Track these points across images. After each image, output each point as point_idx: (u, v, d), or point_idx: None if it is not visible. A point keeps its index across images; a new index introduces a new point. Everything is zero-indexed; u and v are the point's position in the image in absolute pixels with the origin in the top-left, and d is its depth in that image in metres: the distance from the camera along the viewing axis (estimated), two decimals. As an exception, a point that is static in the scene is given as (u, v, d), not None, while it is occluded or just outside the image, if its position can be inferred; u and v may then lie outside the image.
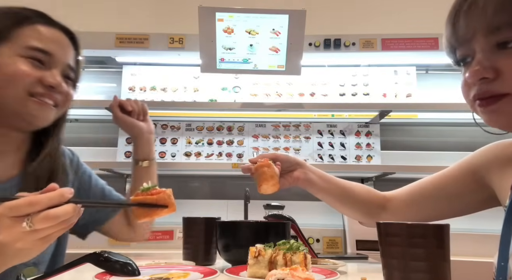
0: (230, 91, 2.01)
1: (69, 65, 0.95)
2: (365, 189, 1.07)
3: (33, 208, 0.59)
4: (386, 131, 2.04)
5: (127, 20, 2.14)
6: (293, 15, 1.68)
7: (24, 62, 0.87)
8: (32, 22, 0.92)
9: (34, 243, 0.61)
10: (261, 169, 0.91)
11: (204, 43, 1.72)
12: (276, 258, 0.76)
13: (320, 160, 1.93)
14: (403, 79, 2.00)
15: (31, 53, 0.88)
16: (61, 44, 0.94)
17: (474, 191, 0.92)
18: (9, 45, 0.88)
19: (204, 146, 1.96)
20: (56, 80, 0.90)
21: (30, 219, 0.59)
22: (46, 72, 0.90)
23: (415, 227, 0.65)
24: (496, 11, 0.63)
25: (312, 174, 1.03)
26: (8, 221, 0.59)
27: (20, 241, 0.60)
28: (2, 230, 0.59)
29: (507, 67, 0.65)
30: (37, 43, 0.89)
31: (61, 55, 0.93)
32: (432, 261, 0.63)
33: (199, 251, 1.00)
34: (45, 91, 0.89)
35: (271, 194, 0.94)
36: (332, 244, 1.84)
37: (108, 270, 0.72)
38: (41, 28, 0.92)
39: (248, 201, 1.36)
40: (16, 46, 0.88)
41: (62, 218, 0.60)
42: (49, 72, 0.90)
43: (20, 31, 0.89)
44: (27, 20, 0.91)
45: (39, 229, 0.60)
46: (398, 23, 2.09)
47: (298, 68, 1.77)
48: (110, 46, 1.88)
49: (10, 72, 0.86)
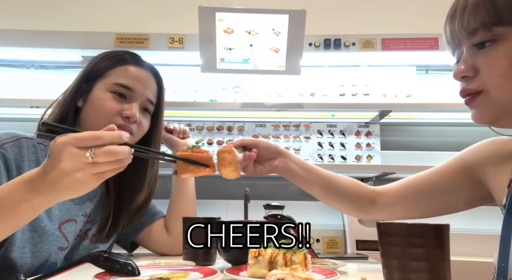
0: (230, 91, 2.01)
1: (148, 99, 1.12)
2: (353, 182, 1.06)
3: (97, 141, 0.64)
4: (386, 131, 2.03)
5: (127, 20, 2.14)
6: (293, 15, 1.68)
7: (110, 96, 1.06)
8: (126, 63, 1.11)
9: (91, 177, 0.65)
10: (221, 154, 0.92)
11: (204, 43, 1.72)
12: (276, 258, 0.76)
13: (320, 160, 1.93)
14: (403, 79, 2.00)
15: (116, 88, 1.07)
16: (144, 80, 1.11)
17: (467, 188, 0.91)
18: (104, 81, 1.08)
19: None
20: (132, 112, 1.06)
21: (93, 151, 0.63)
22: (126, 105, 1.06)
23: (415, 227, 0.65)
24: (471, 14, 0.69)
25: (293, 164, 1.03)
26: (74, 150, 0.63)
27: (80, 171, 0.64)
28: (66, 158, 0.63)
29: (483, 66, 0.71)
30: (123, 80, 1.08)
31: (141, 90, 1.10)
32: (432, 261, 0.63)
33: (199, 251, 1.00)
34: (123, 122, 1.05)
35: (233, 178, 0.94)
36: (332, 244, 1.84)
37: (108, 270, 0.72)
38: (130, 68, 1.11)
39: (248, 201, 1.36)
40: (107, 82, 1.07)
41: (120, 156, 0.65)
42: (129, 105, 1.07)
43: (113, 71, 1.09)
44: (122, 62, 1.11)
45: (99, 163, 0.64)
46: (398, 23, 2.09)
47: (298, 68, 1.77)
48: (110, 46, 1.88)
49: (100, 104, 1.05)
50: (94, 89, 1.08)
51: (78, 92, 1.08)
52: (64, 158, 0.63)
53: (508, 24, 0.67)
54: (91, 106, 1.07)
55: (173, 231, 1.24)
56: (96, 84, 1.08)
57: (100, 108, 1.05)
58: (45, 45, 1.90)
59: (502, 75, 0.69)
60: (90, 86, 1.08)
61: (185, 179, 1.29)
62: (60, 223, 1.00)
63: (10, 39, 1.88)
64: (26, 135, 0.99)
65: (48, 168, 0.65)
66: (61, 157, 0.63)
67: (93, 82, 1.08)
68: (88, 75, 1.10)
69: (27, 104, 1.77)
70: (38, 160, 0.97)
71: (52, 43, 1.90)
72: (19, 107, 1.84)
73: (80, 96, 1.08)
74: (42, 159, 0.97)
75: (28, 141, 0.98)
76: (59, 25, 1.93)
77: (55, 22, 1.98)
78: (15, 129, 1.01)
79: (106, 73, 1.09)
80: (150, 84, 1.14)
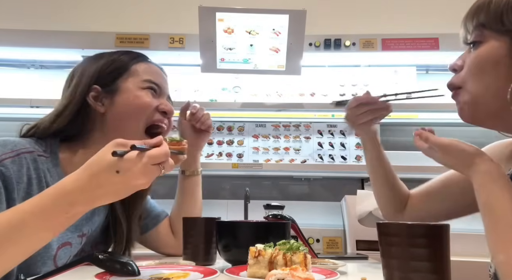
0: (230, 91, 2.01)
1: (169, 96, 1.13)
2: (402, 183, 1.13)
3: (166, 157, 0.72)
4: (386, 131, 2.03)
5: (127, 20, 2.14)
6: (293, 15, 1.68)
7: (146, 93, 1.04)
8: (143, 59, 1.10)
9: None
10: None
11: (204, 43, 1.72)
12: (276, 258, 0.76)
13: (320, 160, 1.93)
14: (403, 79, 2.00)
15: (148, 85, 1.05)
16: (163, 77, 1.12)
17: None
18: (130, 79, 1.04)
19: (204, 146, 1.96)
20: (168, 107, 1.07)
21: (163, 166, 0.72)
22: (160, 100, 1.07)
23: (415, 227, 0.65)
24: (468, 18, 0.77)
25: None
26: (152, 168, 0.71)
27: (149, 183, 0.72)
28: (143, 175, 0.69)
29: (466, 62, 0.78)
30: (150, 76, 1.06)
31: (165, 88, 1.10)
32: (432, 261, 0.63)
33: (199, 251, 1.00)
34: (161, 117, 1.06)
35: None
36: (332, 244, 1.84)
37: (108, 270, 0.72)
38: (151, 65, 1.10)
39: (248, 201, 1.36)
40: (137, 80, 1.04)
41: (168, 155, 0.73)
42: (162, 100, 1.07)
43: (137, 66, 1.06)
44: (140, 58, 1.09)
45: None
46: (398, 23, 2.09)
47: (298, 68, 1.77)
48: (110, 46, 1.88)
49: (138, 102, 1.02)
50: (120, 89, 1.02)
51: (95, 97, 1.01)
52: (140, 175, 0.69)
53: (492, 29, 0.73)
54: (124, 106, 1.01)
55: (179, 232, 1.17)
56: (120, 85, 1.02)
57: (138, 106, 1.02)
58: (45, 45, 1.90)
59: (473, 74, 0.75)
60: (113, 88, 1.02)
61: (194, 179, 1.28)
62: (57, 246, 0.93)
63: (10, 39, 1.88)
64: (27, 148, 0.90)
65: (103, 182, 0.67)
66: (135, 174, 0.68)
67: (114, 84, 1.02)
68: (104, 77, 1.03)
69: (27, 104, 1.77)
70: (39, 176, 0.90)
71: (52, 43, 1.90)
72: (19, 107, 1.85)
73: (99, 101, 1.01)
74: (43, 172, 0.91)
75: (28, 156, 0.89)
76: (59, 25, 1.93)
77: (55, 22, 1.98)
78: (14, 129, 1.00)
79: (129, 69, 1.05)
80: (166, 80, 1.13)
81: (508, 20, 0.70)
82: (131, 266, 0.73)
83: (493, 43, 0.72)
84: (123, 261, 0.73)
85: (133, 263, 0.74)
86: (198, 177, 1.29)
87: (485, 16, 0.73)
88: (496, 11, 0.72)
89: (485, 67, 0.73)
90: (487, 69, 0.73)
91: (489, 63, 0.73)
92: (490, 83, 0.73)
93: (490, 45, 0.73)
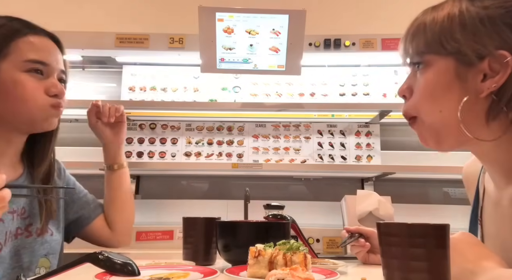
0: (230, 91, 2.01)
1: (62, 70, 1.00)
2: None
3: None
4: (386, 131, 2.04)
5: (127, 20, 2.14)
6: (293, 15, 1.68)
7: (27, 77, 0.91)
8: (24, 34, 0.93)
9: None
10: None
11: (204, 43, 1.72)
12: (276, 258, 0.76)
13: (320, 160, 1.93)
14: (403, 79, 2.00)
15: (31, 65, 0.92)
16: (52, 52, 0.98)
17: None
18: (8, 60, 0.90)
19: (204, 146, 1.96)
20: (58, 89, 0.95)
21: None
22: (47, 81, 0.94)
23: (415, 227, 0.65)
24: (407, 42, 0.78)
25: None
26: None
27: None
28: None
29: (415, 89, 0.76)
30: (33, 55, 0.92)
31: (54, 63, 0.97)
32: (432, 261, 0.63)
33: (199, 251, 1.00)
34: (54, 100, 0.95)
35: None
36: (332, 244, 1.84)
37: (108, 270, 0.72)
38: (32, 39, 0.94)
39: (248, 201, 1.36)
40: (15, 60, 0.90)
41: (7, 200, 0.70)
42: (50, 81, 0.94)
43: (14, 45, 0.91)
44: (19, 33, 0.93)
45: None
46: (398, 23, 2.08)
47: (298, 68, 1.77)
48: (110, 46, 1.88)
49: (19, 89, 0.90)
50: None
51: None
52: None
53: (434, 52, 0.71)
54: (4, 95, 0.89)
55: (114, 225, 1.19)
56: None
57: (22, 93, 0.90)
58: (45, 45, 1.90)
59: (426, 102, 0.72)
60: None
61: (121, 172, 1.22)
62: None
63: (10, 39, 1.87)
64: None
65: None
66: None
67: None
68: None
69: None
70: None
71: (52, 43, 1.89)
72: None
73: None
74: None
75: None
76: (59, 25, 1.92)
77: (55, 22, 1.98)
78: None
79: (6, 50, 0.90)
80: (57, 53, 0.99)
81: (448, 43, 0.68)
82: (131, 266, 0.73)
83: (439, 66, 0.70)
84: (123, 261, 0.73)
85: (133, 263, 0.74)
86: (125, 169, 1.24)
87: (425, 42, 0.72)
88: (433, 36, 0.70)
89: (436, 93, 0.71)
90: (438, 94, 0.71)
91: (439, 89, 0.70)
92: (444, 107, 0.70)
93: (436, 69, 0.70)
